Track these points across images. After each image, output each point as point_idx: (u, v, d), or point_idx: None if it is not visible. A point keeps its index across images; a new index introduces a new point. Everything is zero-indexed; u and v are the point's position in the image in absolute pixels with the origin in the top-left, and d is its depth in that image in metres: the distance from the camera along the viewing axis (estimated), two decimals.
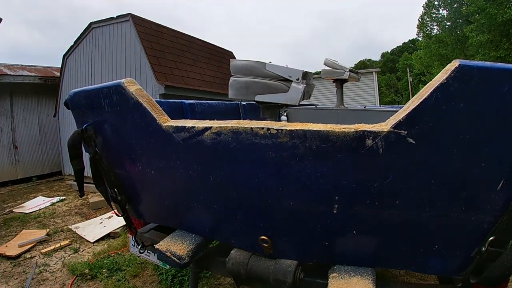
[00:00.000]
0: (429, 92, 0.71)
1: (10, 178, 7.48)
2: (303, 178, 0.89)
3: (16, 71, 7.45)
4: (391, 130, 0.76)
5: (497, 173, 0.76)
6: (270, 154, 0.89)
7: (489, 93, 0.70)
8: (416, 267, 0.98)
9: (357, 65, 48.85)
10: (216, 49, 8.09)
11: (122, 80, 1.09)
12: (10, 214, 4.97)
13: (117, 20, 5.96)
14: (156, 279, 2.69)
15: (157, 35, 6.05)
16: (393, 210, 0.87)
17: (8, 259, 3.27)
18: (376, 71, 13.15)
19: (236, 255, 1.14)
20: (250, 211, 1.07)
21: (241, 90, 2.12)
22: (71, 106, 1.33)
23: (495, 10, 15.77)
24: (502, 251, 0.82)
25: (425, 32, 23.40)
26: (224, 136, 0.93)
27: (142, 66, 5.61)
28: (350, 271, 1.00)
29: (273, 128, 0.85)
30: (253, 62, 2.08)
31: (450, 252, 0.90)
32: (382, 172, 0.82)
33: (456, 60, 0.71)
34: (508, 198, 0.78)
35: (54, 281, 2.80)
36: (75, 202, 5.52)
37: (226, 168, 1.01)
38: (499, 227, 0.81)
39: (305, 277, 1.08)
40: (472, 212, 0.82)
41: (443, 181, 0.80)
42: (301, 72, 2.00)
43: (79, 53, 6.69)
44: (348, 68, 2.73)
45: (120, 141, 1.22)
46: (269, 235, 1.06)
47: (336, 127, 0.80)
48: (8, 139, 7.58)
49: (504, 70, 0.68)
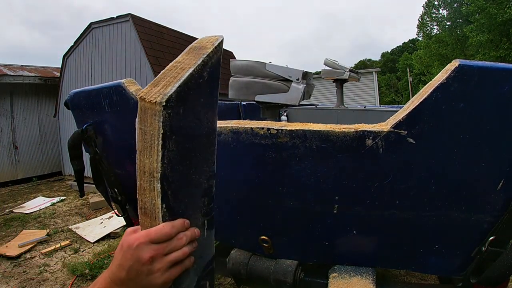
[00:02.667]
0: (429, 92, 0.71)
1: (10, 178, 7.48)
2: (303, 178, 0.89)
3: (16, 71, 7.45)
4: (391, 130, 0.76)
5: (497, 173, 0.76)
6: (270, 154, 0.89)
7: (489, 93, 0.70)
8: (416, 267, 0.98)
9: (357, 65, 48.86)
10: None
11: (122, 80, 1.09)
12: (10, 214, 4.97)
13: (117, 20, 5.96)
14: None
15: (157, 35, 6.05)
16: (393, 210, 0.87)
17: (9, 259, 3.27)
18: (376, 71, 13.14)
19: (236, 255, 1.14)
20: (250, 211, 1.07)
21: (241, 90, 2.12)
22: (71, 106, 1.33)
23: (495, 10, 15.78)
24: (502, 250, 0.82)
25: (425, 32, 23.41)
26: (224, 136, 0.93)
27: (142, 66, 5.61)
28: (350, 271, 1.00)
29: (273, 128, 0.85)
30: (253, 62, 2.08)
31: (450, 252, 0.90)
32: (382, 172, 0.82)
33: (456, 60, 0.70)
34: (508, 198, 0.78)
35: (54, 281, 2.80)
36: (75, 202, 5.52)
37: (226, 168, 1.01)
38: (499, 227, 0.81)
39: (305, 277, 1.08)
40: (472, 212, 0.82)
41: (443, 181, 0.80)
42: (301, 72, 2.00)
43: (79, 53, 6.69)
44: (348, 68, 2.73)
45: (120, 141, 1.22)
46: (269, 235, 1.06)
47: (336, 127, 0.80)
48: (8, 139, 7.58)
49: (504, 70, 0.68)
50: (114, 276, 0.52)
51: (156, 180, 0.50)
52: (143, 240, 0.50)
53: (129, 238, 0.51)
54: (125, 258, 0.50)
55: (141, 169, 0.51)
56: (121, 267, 0.51)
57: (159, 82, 0.51)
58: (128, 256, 0.50)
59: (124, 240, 0.53)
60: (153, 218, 0.53)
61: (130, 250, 0.50)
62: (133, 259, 0.50)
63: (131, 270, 0.50)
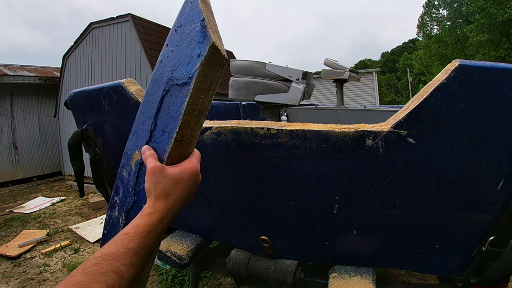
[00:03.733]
0: (429, 92, 0.71)
1: (10, 179, 7.48)
2: (303, 178, 0.89)
3: (16, 71, 7.45)
4: (391, 130, 0.76)
5: (497, 173, 0.76)
6: (270, 154, 0.89)
7: (489, 93, 0.70)
8: (416, 267, 0.98)
9: (357, 65, 48.85)
10: None
11: (122, 80, 1.09)
12: (10, 214, 4.97)
13: (117, 20, 5.96)
14: (156, 279, 2.69)
15: (157, 35, 6.05)
16: (393, 210, 0.87)
17: (9, 259, 3.27)
18: (376, 71, 13.14)
19: (236, 255, 1.14)
20: (250, 211, 1.07)
21: (241, 90, 2.12)
22: (71, 106, 1.33)
23: (495, 10, 15.78)
24: (503, 250, 0.82)
25: (425, 32, 23.43)
26: (224, 136, 0.93)
27: (142, 66, 5.61)
28: (350, 271, 1.00)
29: (273, 128, 0.85)
30: (253, 62, 2.08)
31: (450, 252, 0.90)
32: (382, 172, 0.82)
33: (456, 60, 0.70)
34: (508, 198, 0.78)
35: (54, 281, 2.80)
36: (75, 202, 5.52)
37: (226, 168, 1.01)
38: (499, 227, 0.81)
39: (305, 277, 1.08)
40: (472, 212, 0.82)
41: (443, 181, 0.80)
42: (301, 72, 2.00)
43: (79, 53, 6.69)
44: (348, 68, 2.73)
45: (120, 141, 1.22)
46: (269, 235, 1.06)
47: (336, 127, 0.80)
48: (8, 139, 7.58)
49: (504, 70, 0.68)
50: (173, 208, 0.59)
51: (203, 117, 0.63)
52: (198, 165, 0.64)
53: (187, 167, 0.62)
54: (190, 184, 0.62)
55: (192, 106, 0.60)
56: (185, 194, 0.61)
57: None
58: (192, 181, 0.62)
59: (181, 171, 0.61)
60: (187, 148, 0.64)
61: (194, 176, 0.62)
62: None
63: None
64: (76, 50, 6.75)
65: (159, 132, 0.65)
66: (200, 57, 0.57)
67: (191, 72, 0.58)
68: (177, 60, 0.63)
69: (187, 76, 0.59)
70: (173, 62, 0.64)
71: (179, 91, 0.61)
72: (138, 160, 0.73)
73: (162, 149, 0.63)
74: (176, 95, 0.61)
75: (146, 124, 0.70)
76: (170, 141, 0.61)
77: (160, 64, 0.70)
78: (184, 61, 0.61)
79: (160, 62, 0.70)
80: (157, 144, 0.65)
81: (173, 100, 0.62)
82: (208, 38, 0.56)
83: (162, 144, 0.63)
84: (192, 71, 0.58)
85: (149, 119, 0.69)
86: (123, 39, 5.88)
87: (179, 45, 0.64)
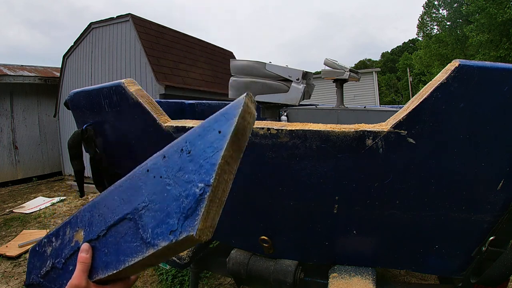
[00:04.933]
0: (429, 92, 0.71)
1: (10, 178, 7.48)
2: (303, 178, 0.89)
3: (16, 71, 7.46)
4: (391, 130, 0.76)
5: (497, 173, 0.76)
6: (270, 154, 0.89)
7: (489, 93, 0.70)
8: (416, 267, 0.98)
9: (357, 65, 48.85)
10: (216, 49, 8.08)
11: (122, 80, 1.09)
12: (10, 214, 4.97)
13: (117, 20, 5.96)
14: (156, 279, 2.69)
15: (157, 35, 6.05)
16: (393, 210, 0.87)
17: (9, 259, 3.27)
18: (376, 71, 13.14)
19: (236, 255, 1.14)
20: (250, 211, 1.07)
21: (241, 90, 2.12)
22: (71, 106, 1.33)
23: (495, 10, 15.77)
24: (503, 250, 0.82)
25: (425, 32, 23.43)
26: None
27: (142, 66, 5.61)
28: (350, 271, 1.00)
29: (273, 128, 0.85)
30: (253, 62, 2.08)
31: (450, 252, 0.90)
32: (382, 172, 0.82)
33: (456, 60, 0.71)
34: (508, 198, 0.78)
35: None
36: (75, 203, 5.52)
37: None
38: (499, 227, 0.81)
39: (305, 277, 1.08)
40: (472, 212, 0.82)
41: (443, 181, 0.80)
42: (301, 72, 2.00)
43: (79, 53, 6.69)
44: (348, 68, 2.73)
45: (120, 141, 1.22)
46: (269, 235, 1.06)
47: (336, 127, 0.80)
48: (8, 139, 7.58)
49: (504, 70, 0.68)
50: None
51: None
52: None
53: None
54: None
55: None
56: None
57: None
58: None
59: None
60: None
61: None
62: None
63: None
64: (76, 50, 6.75)
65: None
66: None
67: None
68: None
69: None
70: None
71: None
72: (77, 244, 0.60)
73: (104, 262, 0.52)
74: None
75: (112, 216, 0.54)
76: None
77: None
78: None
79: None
80: (106, 247, 0.52)
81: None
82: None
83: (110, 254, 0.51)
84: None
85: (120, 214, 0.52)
86: (123, 39, 5.87)
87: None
